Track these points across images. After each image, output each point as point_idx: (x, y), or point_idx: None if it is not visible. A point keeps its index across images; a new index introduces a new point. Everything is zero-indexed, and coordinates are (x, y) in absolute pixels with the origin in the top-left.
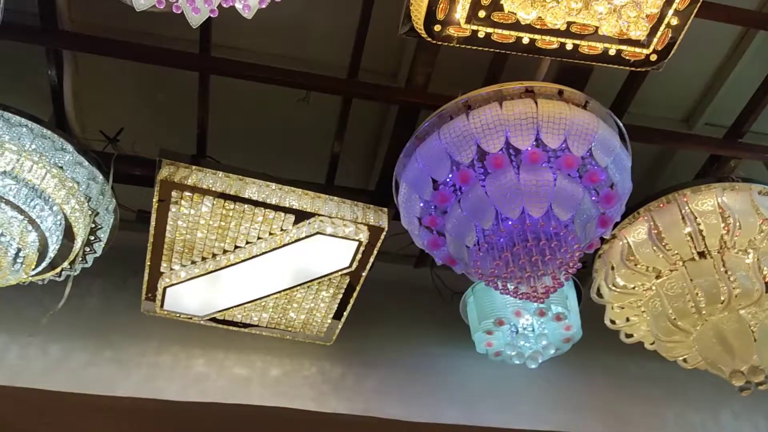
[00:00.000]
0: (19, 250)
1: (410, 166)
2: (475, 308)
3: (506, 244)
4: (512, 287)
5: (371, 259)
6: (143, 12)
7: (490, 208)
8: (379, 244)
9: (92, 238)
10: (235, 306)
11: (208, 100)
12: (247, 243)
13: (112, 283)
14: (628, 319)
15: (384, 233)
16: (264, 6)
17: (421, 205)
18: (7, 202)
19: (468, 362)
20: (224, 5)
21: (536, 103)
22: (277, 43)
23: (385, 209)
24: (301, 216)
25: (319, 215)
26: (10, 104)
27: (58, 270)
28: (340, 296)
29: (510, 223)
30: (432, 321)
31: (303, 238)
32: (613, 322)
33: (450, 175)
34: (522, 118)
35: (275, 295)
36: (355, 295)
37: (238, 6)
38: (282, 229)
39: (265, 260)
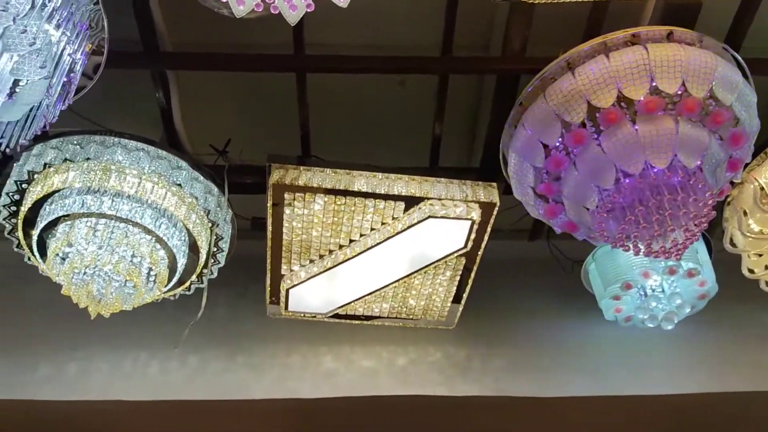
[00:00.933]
0: (150, 269)
1: (517, 134)
2: (598, 275)
3: (632, 202)
4: (643, 247)
5: (485, 237)
6: (235, 25)
7: (609, 166)
8: (492, 221)
9: (215, 249)
10: (356, 299)
11: (307, 99)
12: (361, 236)
13: (235, 292)
14: (767, 267)
15: (496, 208)
16: None
17: (533, 173)
18: (135, 224)
19: (597, 331)
20: None
21: (646, 48)
22: (364, 35)
23: (494, 184)
24: (410, 202)
25: (429, 198)
26: (122, 130)
27: (187, 284)
28: (458, 278)
29: (632, 179)
30: (554, 293)
31: (415, 224)
32: (751, 271)
33: (561, 138)
34: (633, 66)
35: (393, 284)
36: (472, 275)
37: None
38: (393, 218)
39: (380, 250)
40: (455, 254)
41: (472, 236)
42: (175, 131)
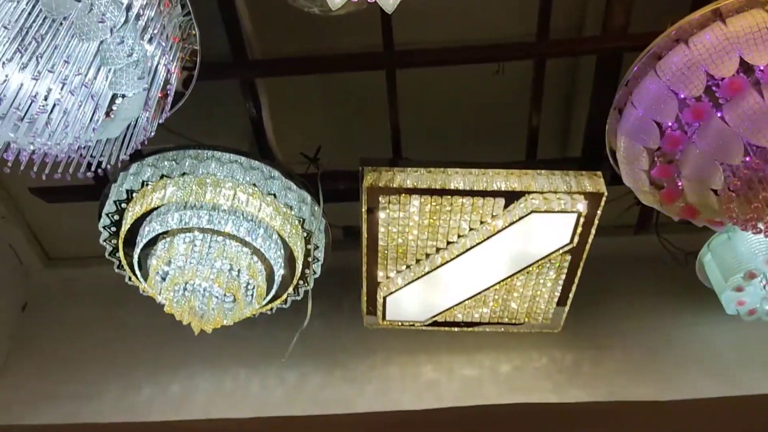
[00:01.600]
0: (249, 281)
1: (627, 115)
2: (716, 266)
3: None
4: None
5: (592, 231)
6: (321, 29)
7: (735, 140)
8: (599, 213)
9: (310, 259)
10: (456, 305)
11: (397, 98)
12: (459, 236)
13: (329, 304)
14: None
15: (603, 199)
16: None
17: (646, 155)
18: (233, 237)
19: (718, 327)
20: None
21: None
22: (450, 32)
23: (599, 173)
24: (511, 197)
25: (531, 192)
26: (209, 143)
27: (284, 297)
28: (563, 277)
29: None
30: (666, 289)
31: (517, 221)
32: None
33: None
34: (755, 30)
35: (494, 287)
36: (578, 273)
37: None
38: (493, 215)
39: (480, 251)
40: (560, 251)
41: (579, 230)
42: (266, 141)
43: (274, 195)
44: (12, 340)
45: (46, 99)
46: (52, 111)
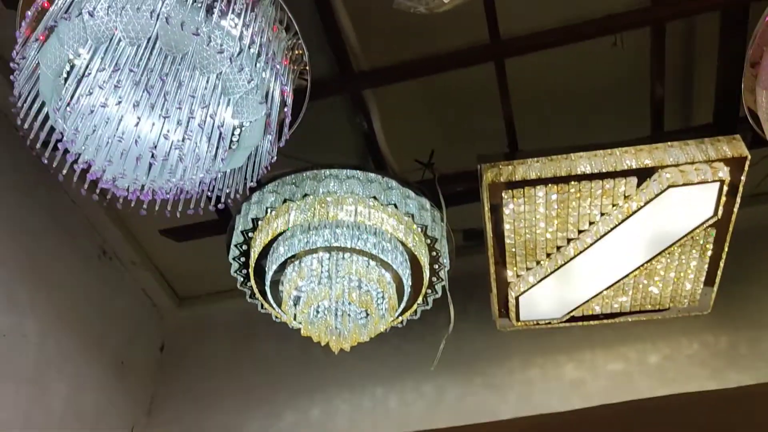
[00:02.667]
0: (381, 294)
1: (765, 68)
2: None
3: None
4: None
5: (737, 200)
6: (424, 32)
7: None
8: (743, 178)
9: (436, 267)
10: (593, 297)
11: (508, 89)
12: (591, 224)
13: (456, 312)
14: None
15: (747, 162)
16: None
17: None
18: (359, 252)
19: None
20: None
21: None
22: (557, 11)
23: (737, 136)
24: (643, 174)
25: (665, 167)
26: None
27: (414, 308)
28: (709, 255)
29: None
30: None
31: (653, 198)
32: None
33: None
34: None
35: (633, 273)
36: (725, 249)
37: None
38: (626, 196)
39: (615, 237)
40: (704, 226)
41: (722, 200)
42: (379, 152)
43: (395, 205)
44: (155, 382)
45: (165, 136)
46: (182, 147)
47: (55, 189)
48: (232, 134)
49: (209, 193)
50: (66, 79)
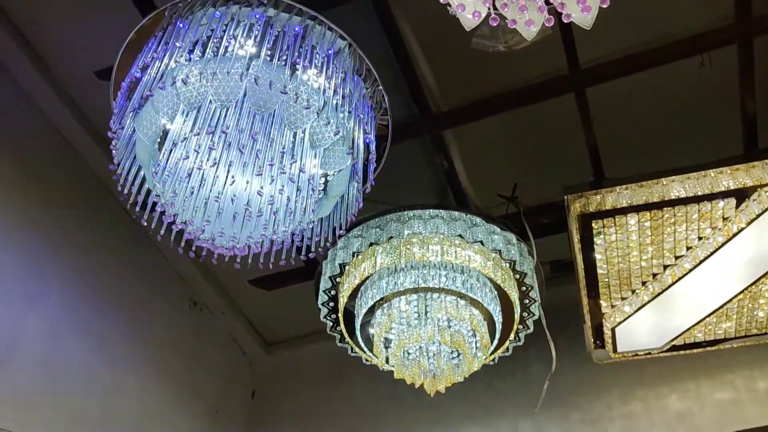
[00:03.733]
0: (473, 333)
1: None
2: None
3: None
4: None
5: None
6: (497, 65)
7: None
8: None
9: (526, 302)
10: (694, 324)
11: (591, 117)
12: (688, 249)
13: (545, 345)
14: None
15: None
16: None
17: None
18: (449, 292)
19: None
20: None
21: None
22: (635, 35)
23: None
24: (742, 195)
25: (765, 185)
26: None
27: (506, 345)
28: None
29: None
30: None
31: (755, 219)
32: None
33: None
34: None
35: (737, 298)
36: None
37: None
38: (724, 218)
39: (715, 261)
40: None
41: None
42: (461, 189)
43: (481, 242)
44: (249, 428)
45: (259, 192)
46: (275, 202)
47: (148, 246)
48: (320, 184)
49: (299, 243)
50: (161, 144)
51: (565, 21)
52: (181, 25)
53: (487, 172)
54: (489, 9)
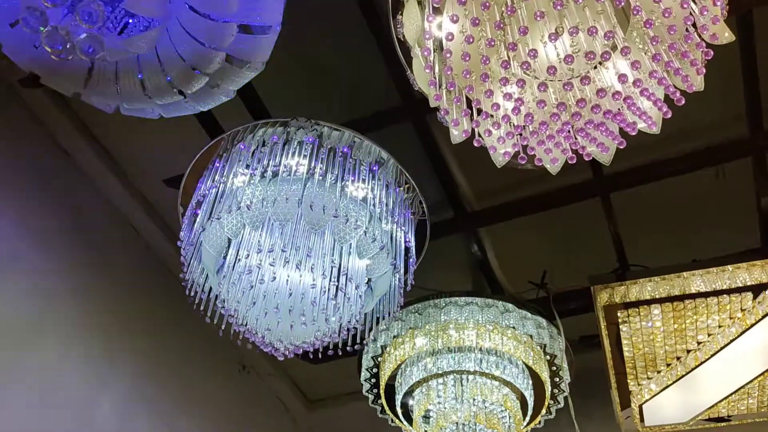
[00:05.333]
0: (507, 413)
1: None
2: None
3: None
4: None
5: None
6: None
7: None
8: None
9: (557, 380)
10: (718, 402)
11: (615, 217)
12: (709, 335)
13: (576, 414)
14: None
15: None
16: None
17: None
18: (482, 374)
19: None
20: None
21: None
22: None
23: None
24: (758, 289)
25: None
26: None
27: (537, 420)
28: None
29: None
30: None
31: None
32: None
33: None
34: None
35: (756, 380)
36: None
37: (642, 125)
38: (742, 310)
39: (735, 346)
40: None
41: None
42: (494, 277)
43: (513, 327)
44: None
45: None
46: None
47: (203, 317)
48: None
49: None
50: (226, 253)
51: (587, 159)
52: (242, 147)
53: (518, 260)
54: (518, 150)
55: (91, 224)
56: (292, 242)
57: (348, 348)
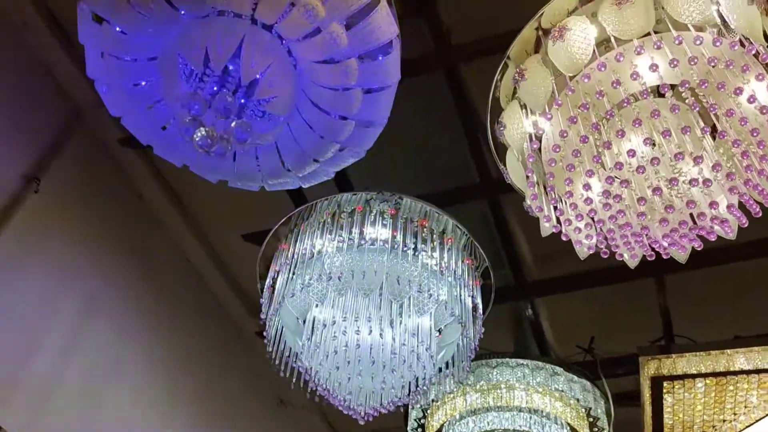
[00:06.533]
0: None
1: None
2: None
3: None
4: None
5: None
6: None
7: None
8: None
9: None
10: None
11: (666, 293)
12: (746, 407)
13: None
14: None
15: None
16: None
17: None
18: None
19: None
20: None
21: None
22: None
23: None
24: None
25: None
26: (495, 343)
27: None
28: None
29: None
30: None
31: None
32: None
33: None
34: None
35: None
36: None
37: (718, 229)
38: None
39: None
40: None
41: None
42: (545, 341)
43: (561, 390)
44: None
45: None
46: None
47: (248, 352)
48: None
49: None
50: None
51: (665, 257)
52: (327, 215)
53: (568, 324)
54: (601, 246)
55: (162, 272)
56: (375, 311)
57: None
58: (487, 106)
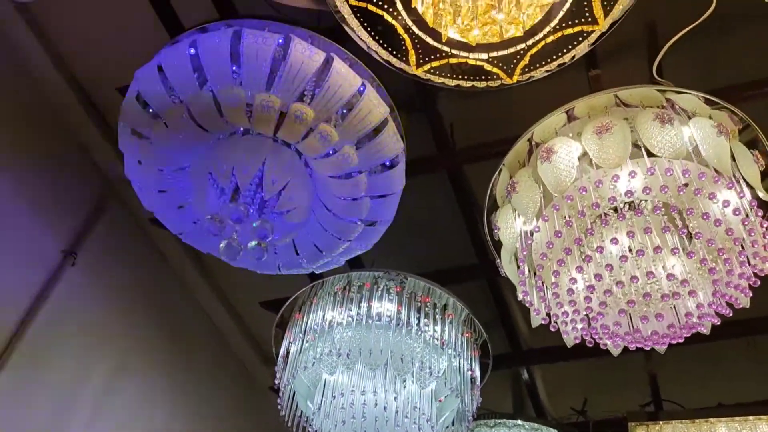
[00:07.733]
0: None
1: None
2: None
3: None
4: None
5: None
6: None
7: None
8: None
9: None
10: None
11: (653, 361)
12: None
13: None
14: None
15: None
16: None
17: None
18: None
19: None
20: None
21: None
22: None
23: None
24: None
25: None
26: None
27: None
28: None
29: None
30: None
31: None
32: None
33: None
34: None
35: None
36: None
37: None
38: None
39: None
40: None
41: None
42: (539, 401)
43: None
44: None
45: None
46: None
47: (263, 398)
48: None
49: None
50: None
51: (646, 349)
52: (337, 291)
53: (561, 386)
54: (587, 335)
55: (188, 335)
56: (381, 384)
57: None
58: (485, 200)
